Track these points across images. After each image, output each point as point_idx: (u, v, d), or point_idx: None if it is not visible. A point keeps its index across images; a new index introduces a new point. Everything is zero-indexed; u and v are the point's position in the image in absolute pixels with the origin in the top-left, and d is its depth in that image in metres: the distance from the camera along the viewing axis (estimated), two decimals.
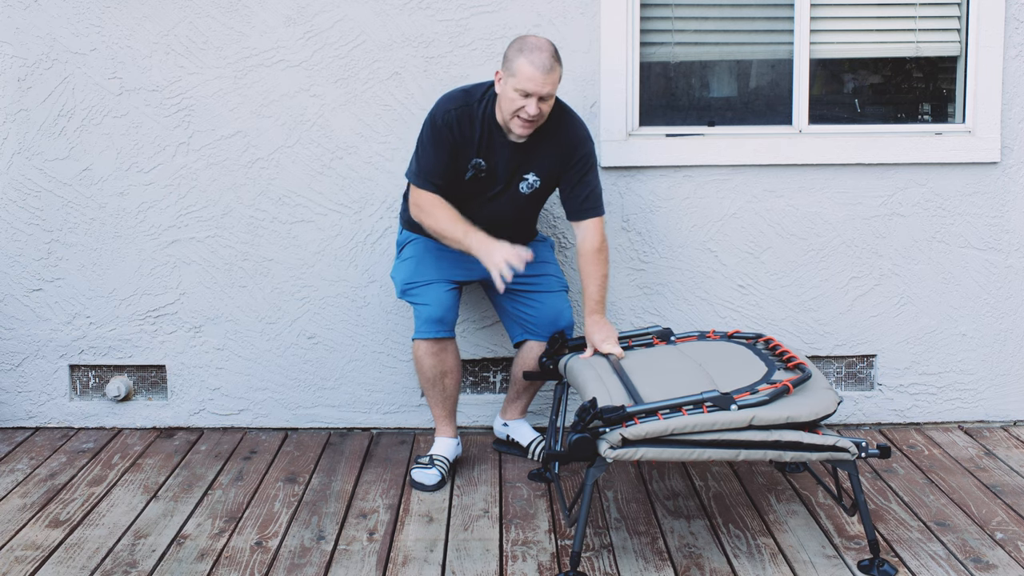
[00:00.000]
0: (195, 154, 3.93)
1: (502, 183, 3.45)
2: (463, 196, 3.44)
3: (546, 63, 3.21)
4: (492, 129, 3.38)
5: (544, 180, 3.48)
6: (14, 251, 4.00)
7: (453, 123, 3.35)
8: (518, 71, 3.22)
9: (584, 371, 3.17)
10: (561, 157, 3.44)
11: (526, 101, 3.24)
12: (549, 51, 3.24)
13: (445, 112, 3.36)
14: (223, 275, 4.00)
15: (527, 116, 3.26)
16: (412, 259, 3.55)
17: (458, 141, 3.36)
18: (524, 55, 3.21)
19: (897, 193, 3.96)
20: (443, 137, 3.35)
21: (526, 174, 3.45)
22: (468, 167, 3.40)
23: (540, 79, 3.21)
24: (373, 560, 2.99)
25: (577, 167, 3.45)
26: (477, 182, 3.44)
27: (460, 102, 3.38)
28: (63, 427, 4.10)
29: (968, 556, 2.99)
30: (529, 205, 3.56)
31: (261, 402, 4.07)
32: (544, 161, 3.44)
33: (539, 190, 3.51)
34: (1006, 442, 3.91)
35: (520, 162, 3.43)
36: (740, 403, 2.79)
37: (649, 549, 3.05)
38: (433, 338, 3.49)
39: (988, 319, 4.04)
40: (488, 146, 3.39)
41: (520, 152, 3.42)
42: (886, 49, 4.04)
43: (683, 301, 4.02)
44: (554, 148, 3.43)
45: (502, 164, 3.42)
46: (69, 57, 3.87)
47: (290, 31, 3.86)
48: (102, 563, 2.98)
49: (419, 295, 3.51)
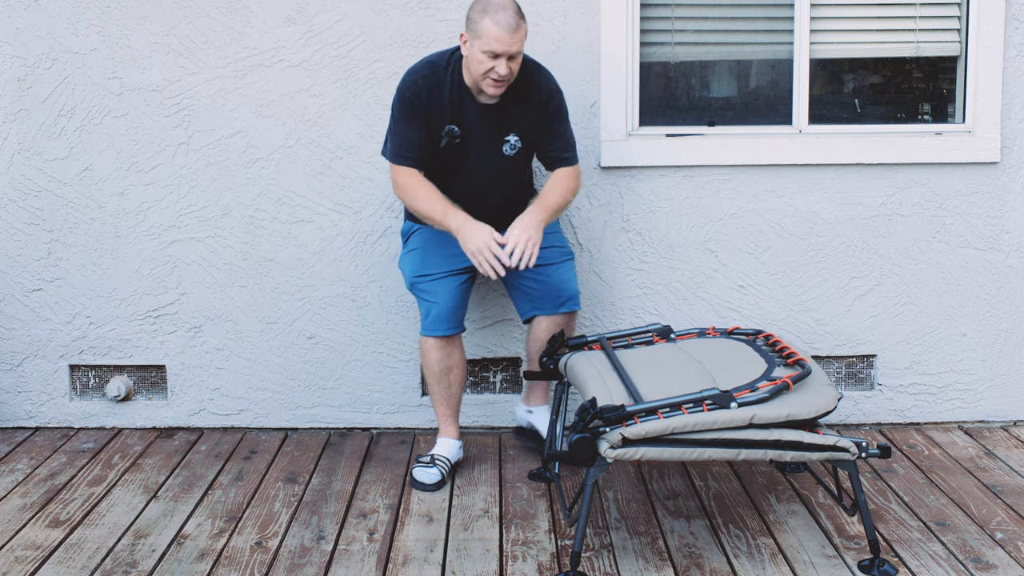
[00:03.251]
0: (195, 154, 3.93)
1: (479, 148, 3.41)
2: (444, 167, 3.41)
3: (511, 22, 3.17)
4: (462, 94, 3.34)
5: (524, 139, 3.45)
6: (14, 251, 4.00)
7: (423, 92, 3.32)
8: (484, 32, 3.17)
9: (584, 370, 3.17)
10: (536, 112, 3.40)
11: (495, 62, 3.20)
12: (512, 8, 3.20)
13: (412, 83, 3.33)
14: (223, 275, 4.00)
15: (497, 77, 3.22)
16: (418, 250, 3.53)
17: (429, 110, 3.33)
18: (489, 16, 3.17)
19: (897, 193, 3.96)
20: (413, 108, 3.32)
21: (507, 136, 3.42)
22: (442, 135, 3.37)
23: (507, 39, 3.16)
24: (373, 560, 2.99)
25: (551, 119, 3.42)
26: (452, 149, 3.39)
27: (426, 71, 3.35)
28: (63, 427, 4.10)
29: (968, 556, 2.99)
30: (516, 168, 3.51)
31: (261, 402, 4.07)
32: (520, 119, 3.41)
33: (522, 150, 3.47)
34: (1006, 442, 3.91)
35: (497, 124, 3.39)
36: (740, 401, 2.79)
37: (649, 549, 3.05)
38: (443, 335, 3.49)
39: (988, 319, 4.04)
40: (459, 111, 3.35)
41: (494, 114, 3.38)
42: (886, 49, 4.04)
43: (683, 301, 4.02)
44: (527, 104, 3.39)
45: (477, 128, 3.38)
46: (69, 57, 3.88)
47: (290, 31, 3.86)
48: (102, 563, 2.98)
49: (428, 291, 3.50)
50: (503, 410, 4.07)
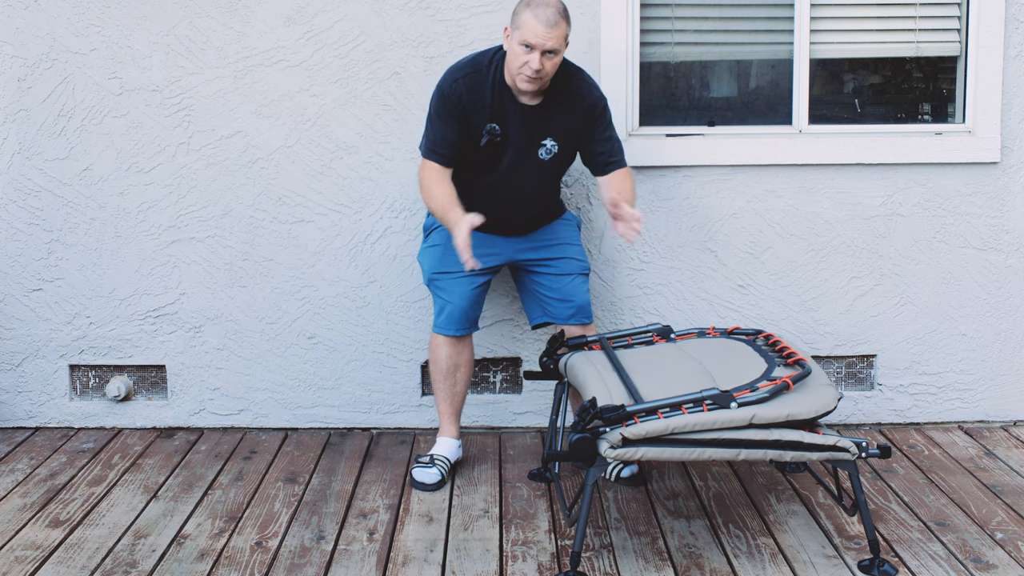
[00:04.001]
0: (195, 154, 3.93)
1: (518, 148, 3.39)
2: (481, 166, 3.40)
3: (551, 17, 3.16)
4: (503, 93, 3.33)
5: (562, 145, 3.43)
6: (14, 251, 4.00)
7: (463, 91, 3.31)
8: (522, 23, 3.18)
9: (584, 370, 3.17)
10: (578, 120, 3.39)
11: (529, 56, 3.18)
12: (556, 7, 3.19)
13: (453, 81, 3.33)
14: (223, 275, 3.99)
15: (530, 72, 3.20)
16: (440, 247, 3.52)
17: (469, 109, 3.32)
18: (530, 9, 3.18)
19: (897, 193, 3.96)
20: (451, 107, 3.31)
21: (544, 140, 3.40)
22: (483, 132, 3.35)
23: (543, 32, 3.15)
24: (373, 560, 2.99)
25: (597, 126, 3.41)
26: (493, 147, 3.38)
27: (468, 69, 3.34)
28: (63, 427, 4.10)
29: (968, 556, 2.99)
30: (550, 173, 3.50)
31: (261, 402, 4.07)
32: (560, 125, 3.39)
33: (558, 155, 3.44)
34: (1006, 442, 3.91)
35: (536, 127, 3.38)
36: (740, 401, 2.79)
37: (649, 549, 3.04)
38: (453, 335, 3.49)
39: (988, 319, 4.04)
40: (500, 110, 3.34)
41: (534, 116, 3.36)
42: (886, 49, 4.04)
43: (683, 301, 4.02)
44: (569, 111, 3.38)
45: (516, 128, 3.36)
46: (69, 57, 3.88)
47: (290, 31, 3.86)
48: (102, 563, 2.98)
49: (444, 290, 3.51)
50: (503, 410, 4.07)
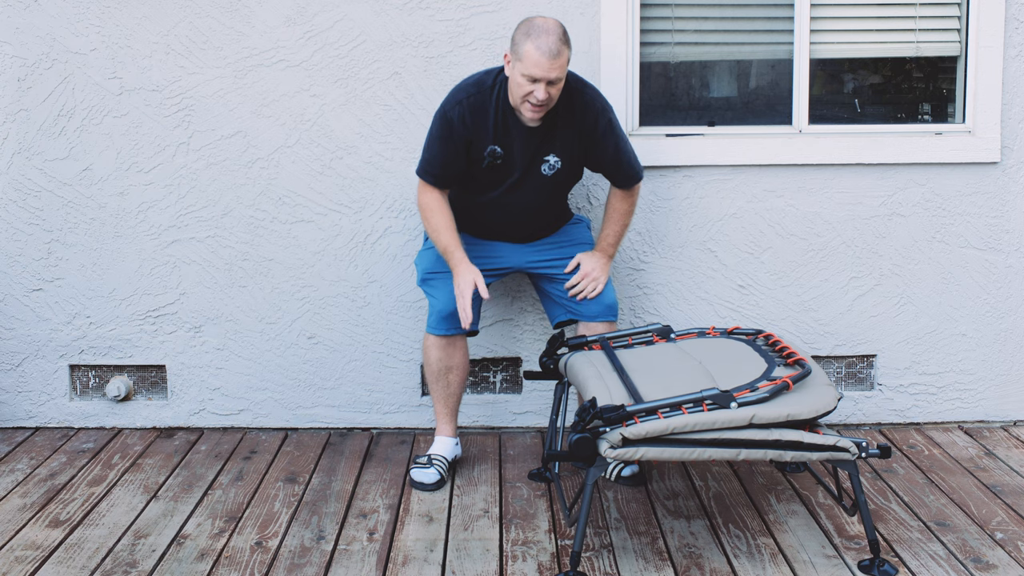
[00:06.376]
0: (195, 154, 3.93)
1: (521, 168, 3.38)
2: (483, 185, 3.41)
3: (553, 47, 3.13)
4: (507, 114, 3.32)
5: (567, 161, 3.42)
6: (14, 251, 4.00)
7: (466, 115, 3.30)
8: (525, 56, 3.15)
9: (584, 370, 3.17)
10: (582, 135, 3.38)
11: (534, 87, 3.17)
12: (556, 34, 3.16)
13: (456, 104, 3.32)
14: (223, 275, 4.00)
15: (535, 101, 3.20)
16: (435, 249, 3.52)
17: (471, 132, 3.31)
18: (531, 39, 3.14)
19: (897, 193, 3.96)
20: (452, 131, 3.31)
21: (546, 156, 3.39)
22: (484, 156, 3.35)
23: (546, 64, 3.13)
24: (373, 560, 2.99)
25: (604, 140, 3.39)
26: (494, 170, 3.38)
27: (472, 91, 3.33)
28: (63, 427, 4.10)
29: (968, 556, 2.99)
30: (554, 188, 3.48)
31: (261, 402, 4.07)
32: (564, 141, 3.38)
33: (562, 171, 3.43)
34: (1006, 442, 3.91)
35: (539, 144, 3.37)
36: (740, 400, 2.79)
37: (649, 549, 3.04)
38: (443, 335, 3.49)
39: (988, 319, 4.04)
40: (504, 132, 3.33)
41: (537, 134, 3.35)
42: (886, 49, 4.04)
43: (683, 301, 4.02)
44: (571, 124, 3.36)
45: (519, 148, 3.36)
46: (69, 57, 3.87)
47: (290, 31, 3.86)
48: (102, 563, 2.98)
49: (434, 288, 3.51)
50: (503, 410, 4.07)
